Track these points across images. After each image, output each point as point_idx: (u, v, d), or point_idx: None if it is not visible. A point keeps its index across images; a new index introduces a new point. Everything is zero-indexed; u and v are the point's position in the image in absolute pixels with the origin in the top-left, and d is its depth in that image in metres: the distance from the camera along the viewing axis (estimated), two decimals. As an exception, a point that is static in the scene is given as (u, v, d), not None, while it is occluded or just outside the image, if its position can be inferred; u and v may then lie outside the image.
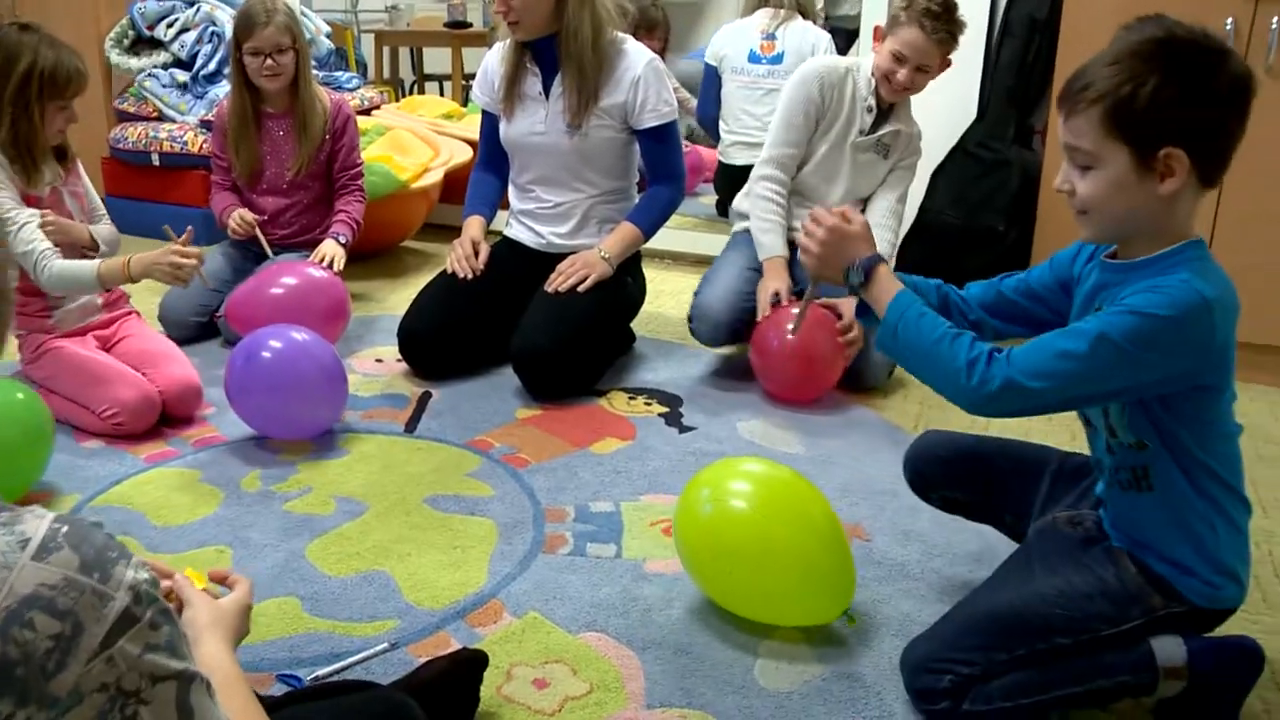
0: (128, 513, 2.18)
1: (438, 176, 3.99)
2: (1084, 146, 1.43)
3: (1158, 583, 1.53)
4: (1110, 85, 1.38)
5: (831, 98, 2.88)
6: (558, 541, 2.08)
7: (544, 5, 2.72)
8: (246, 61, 3.13)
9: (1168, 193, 1.40)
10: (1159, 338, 1.40)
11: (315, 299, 2.93)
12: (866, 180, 2.97)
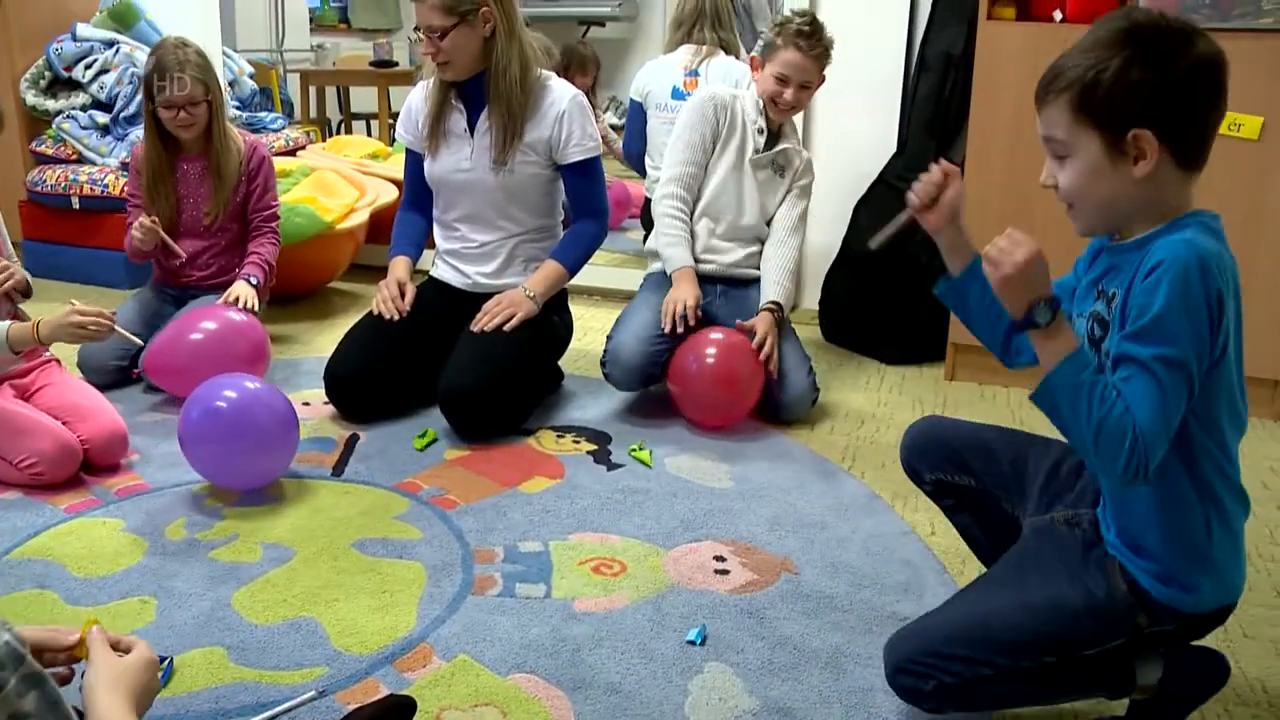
0: (48, 564, 2.13)
1: (363, 217, 3.97)
2: (1057, 136, 1.46)
3: (1144, 600, 1.52)
4: (1077, 73, 1.42)
5: (724, 119, 3.01)
6: (487, 583, 2.07)
7: (472, 46, 2.74)
8: (160, 113, 3.10)
9: (1143, 175, 1.42)
10: (1194, 285, 1.38)
11: (235, 343, 2.90)
12: (771, 199, 3.07)
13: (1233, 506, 1.55)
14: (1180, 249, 1.39)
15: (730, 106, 3.02)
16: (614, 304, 4.03)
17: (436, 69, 2.80)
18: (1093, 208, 1.49)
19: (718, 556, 2.19)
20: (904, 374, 3.37)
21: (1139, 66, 1.39)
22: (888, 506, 2.42)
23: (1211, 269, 1.38)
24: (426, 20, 2.72)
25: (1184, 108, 1.41)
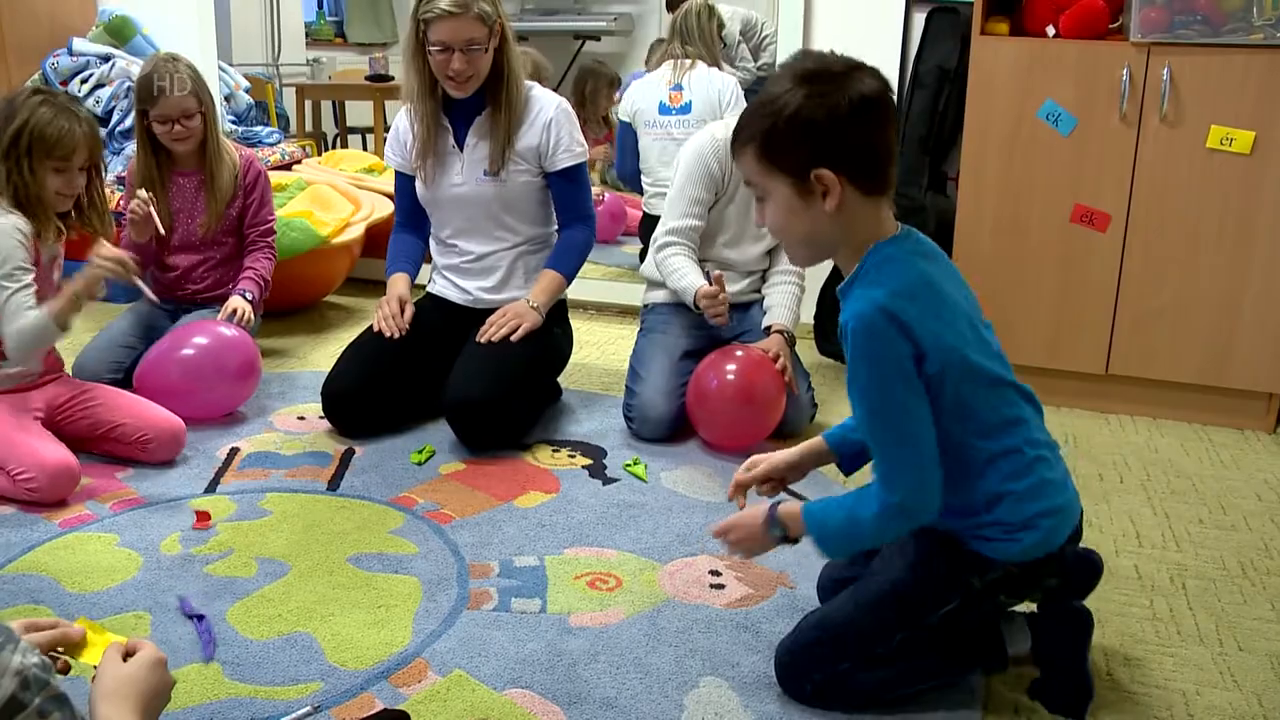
0: (41, 580, 2.13)
1: (359, 231, 3.97)
2: (755, 181, 1.58)
3: (968, 559, 1.66)
4: (757, 123, 1.53)
5: (729, 166, 2.91)
6: (482, 598, 2.07)
7: (491, 56, 2.76)
8: (154, 127, 3.10)
9: (833, 208, 1.53)
10: (879, 354, 1.53)
11: (226, 359, 2.90)
12: None
13: (1029, 465, 1.64)
14: (858, 305, 1.53)
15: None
16: (609, 317, 4.05)
17: (455, 87, 2.77)
18: (796, 242, 1.63)
19: (713, 571, 2.19)
20: (899, 388, 3.37)
21: (804, 109, 1.50)
22: (883, 521, 2.42)
23: (884, 318, 1.51)
24: (467, 35, 2.68)
25: (855, 143, 1.51)
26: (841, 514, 1.62)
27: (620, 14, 6.96)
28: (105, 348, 3.07)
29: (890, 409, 1.55)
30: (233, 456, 2.74)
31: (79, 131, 2.53)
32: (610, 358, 3.59)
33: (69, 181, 2.55)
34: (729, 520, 1.79)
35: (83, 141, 2.54)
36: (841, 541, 1.68)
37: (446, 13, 2.66)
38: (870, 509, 1.58)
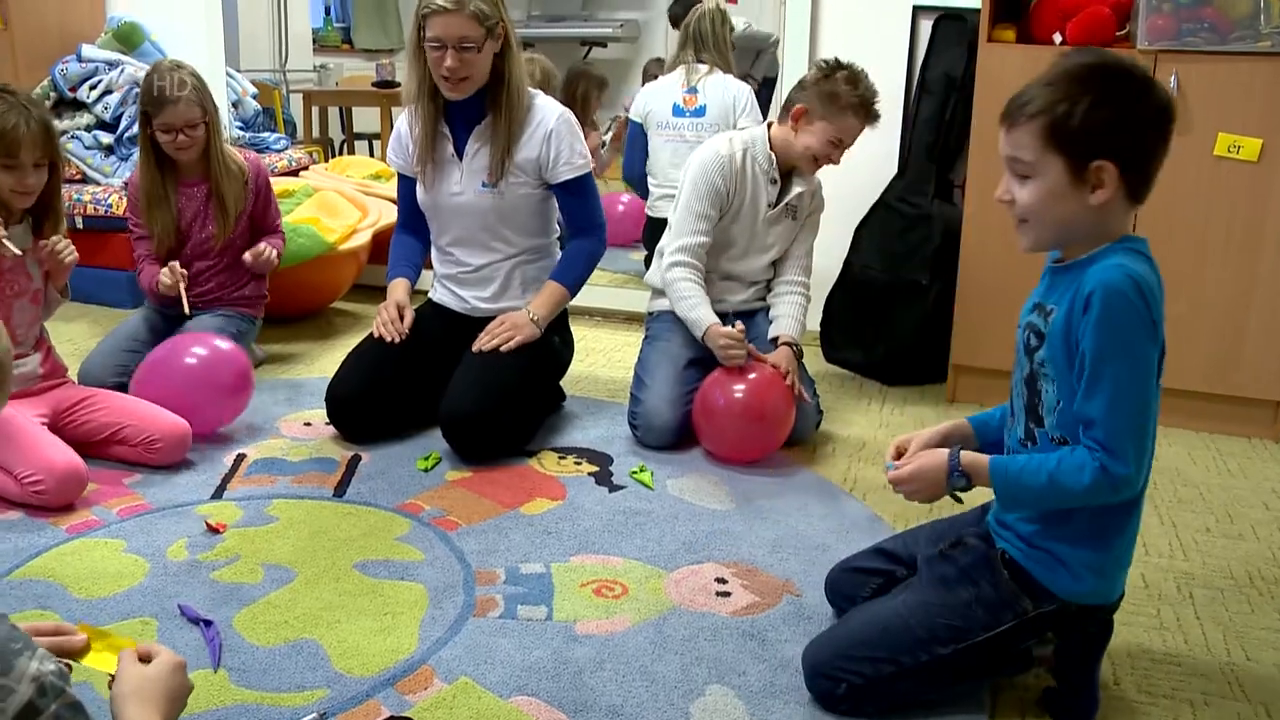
0: (49, 585, 2.13)
1: (366, 238, 3.98)
2: (1024, 158, 1.58)
3: (1028, 585, 1.68)
4: (1049, 102, 1.55)
5: (734, 183, 2.92)
6: (488, 605, 2.07)
7: (489, 60, 2.75)
8: (157, 136, 3.08)
9: (1098, 203, 1.55)
10: (1131, 320, 1.53)
11: (220, 372, 2.87)
12: (783, 243, 3.04)
13: (1130, 510, 1.66)
14: (1112, 274, 1.54)
15: (740, 166, 2.92)
16: (615, 324, 4.05)
17: (449, 87, 2.74)
18: (1045, 226, 1.62)
19: (719, 579, 2.19)
20: (905, 395, 3.37)
21: (1109, 105, 1.52)
22: (890, 528, 2.42)
23: (1141, 289, 1.53)
24: (460, 32, 2.66)
25: (1145, 147, 1.56)
26: (1041, 476, 1.60)
27: (626, 20, 6.99)
28: (111, 352, 3.08)
29: (1138, 375, 1.55)
30: (239, 462, 2.74)
31: (26, 128, 2.48)
32: (616, 365, 3.59)
33: (20, 179, 2.52)
34: (909, 469, 1.75)
35: (31, 138, 2.49)
36: (1034, 501, 1.66)
37: (441, 8, 2.66)
38: (1081, 477, 1.56)
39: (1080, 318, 1.55)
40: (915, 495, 1.77)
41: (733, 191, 2.92)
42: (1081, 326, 1.55)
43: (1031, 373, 1.68)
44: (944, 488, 1.73)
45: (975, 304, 3.22)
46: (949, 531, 1.87)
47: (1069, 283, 1.59)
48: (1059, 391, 1.62)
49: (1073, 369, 1.58)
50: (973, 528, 1.83)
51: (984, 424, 1.87)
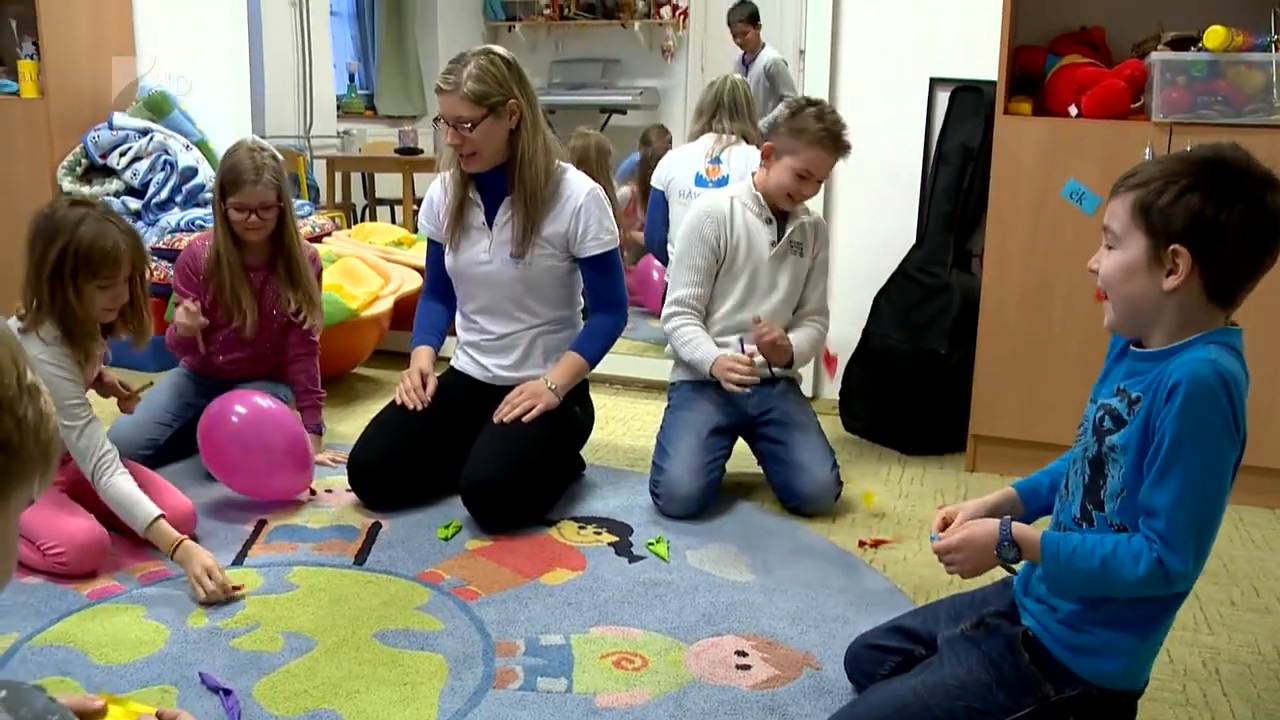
0: (69, 651, 2.14)
1: (388, 304, 4.02)
2: (1113, 227, 1.58)
3: (1051, 668, 1.66)
4: (1149, 177, 1.54)
5: (724, 233, 2.99)
6: (508, 676, 2.07)
7: (499, 137, 2.77)
8: (231, 215, 3.06)
9: (1170, 288, 1.52)
10: (1213, 416, 1.50)
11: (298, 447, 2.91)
12: (794, 282, 3.06)
13: (1174, 600, 1.64)
14: (1200, 367, 1.50)
15: (728, 216, 2.99)
16: (635, 392, 4.06)
17: (461, 160, 2.81)
18: (1119, 300, 1.59)
19: (739, 651, 2.18)
20: (925, 465, 3.37)
21: (1202, 193, 1.49)
22: (910, 601, 2.41)
23: (1228, 386, 1.49)
24: (455, 111, 2.73)
25: (1230, 245, 1.50)
26: (1094, 560, 1.57)
27: (646, 88, 7.08)
28: (143, 423, 3.08)
29: (1211, 473, 1.52)
30: (260, 529, 2.75)
31: (124, 247, 2.47)
32: (636, 434, 3.60)
33: (115, 297, 2.51)
34: (958, 538, 1.72)
35: (127, 255, 2.48)
36: (1082, 584, 1.62)
37: (438, 87, 2.75)
38: (1136, 567, 1.53)
39: (1162, 407, 1.52)
40: (962, 566, 1.73)
41: (725, 239, 2.99)
42: (1162, 416, 1.51)
43: (1099, 455, 1.63)
44: (993, 559, 1.70)
45: (994, 373, 3.23)
46: (969, 609, 1.86)
47: (1154, 371, 1.56)
48: (1125, 479, 1.58)
49: (1145, 459, 1.55)
50: (993, 606, 1.81)
51: (1032, 491, 1.84)
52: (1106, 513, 1.62)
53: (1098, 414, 1.64)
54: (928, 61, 3.64)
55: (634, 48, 7.20)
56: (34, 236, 2.46)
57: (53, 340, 2.46)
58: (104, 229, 2.44)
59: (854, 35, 3.72)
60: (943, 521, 1.81)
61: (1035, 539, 1.65)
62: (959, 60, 3.56)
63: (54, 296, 2.44)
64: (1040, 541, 1.64)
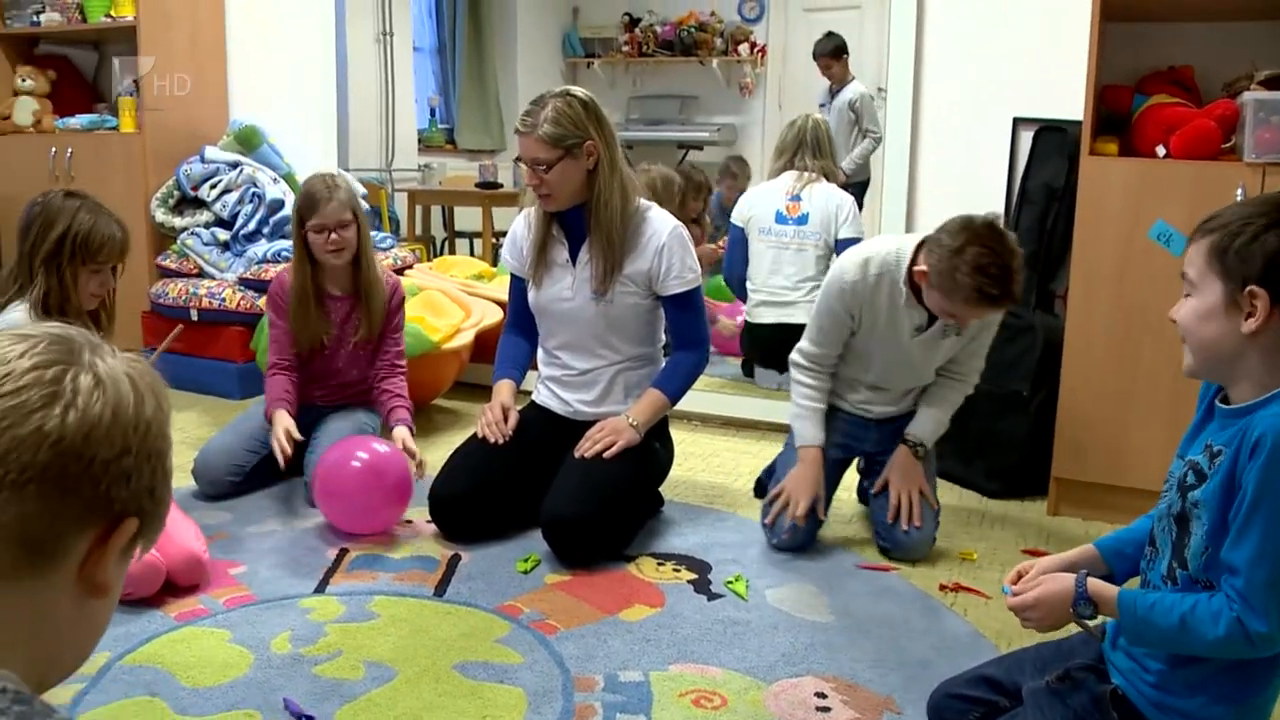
0: (158, 672, 2.18)
1: (469, 337, 4.06)
2: (1189, 274, 1.55)
3: None
4: (1228, 220, 1.51)
5: (861, 311, 2.82)
6: (587, 712, 2.07)
7: (576, 178, 2.80)
8: (310, 238, 3.13)
9: (1250, 331, 1.48)
10: None
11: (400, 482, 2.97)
12: (942, 357, 2.94)
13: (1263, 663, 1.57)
14: None
15: (872, 290, 2.78)
16: (713, 429, 4.06)
17: (539, 200, 2.85)
18: (1197, 346, 1.56)
19: (819, 693, 2.16)
20: (1006, 509, 3.32)
21: (1278, 234, 1.46)
22: (992, 647, 2.37)
23: None
24: (532, 153, 2.77)
25: None
26: (1173, 617, 1.53)
27: (723, 124, 7.12)
28: (231, 450, 3.16)
29: None
30: (342, 557, 2.79)
31: (119, 235, 2.62)
32: (714, 470, 3.59)
33: (103, 282, 2.63)
34: (1033, 594, 1.69)
35: (120, 244, 2.63)
36: (1161, 643, 1.59)
37: (516, 129, 2.80)
38: (1215, 627, 1.49)
39: (1246, 462, 1.48)
40: (1038, 622, 1.71)
41: (859, 316, 2.83)
42: (1246, 471, 1.47)
43: (1183, 511, 1.60)
44: (1068, 615, 1.67)
45: (1078, 416, 3.18)
46: (1055, 660, 1.81)
47: (1239, 426, 1.52)
48: (1208, 536, 1.54)
49: (1228, 514, 1.51)
50: (1080, 658, 1.77)
51: (1116, 552, 1.79)
52: (1191, 570, 1.57)
53: (1184, 470, 1.61)
54: (1011, 101, 3.62)
55: (712, 84, 7.24)
56: (29, 223, 2.60)
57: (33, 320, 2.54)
58: (100, 218, 2.60)
59: (936, 74, 3.71)
60: (1017, 575, 1.78)
61: (1112, 596, 1.62)
62: (1043, 100, 3.54)
63: (44, 279, 2.56)
64: (1117, 599, 1.61)
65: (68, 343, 0.83)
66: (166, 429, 0.87)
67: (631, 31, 7.45)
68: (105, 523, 0.82)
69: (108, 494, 0.82)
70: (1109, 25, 3.05)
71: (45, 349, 0.81)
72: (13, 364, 0.80)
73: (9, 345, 0.81)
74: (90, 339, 0.85)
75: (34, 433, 0.78)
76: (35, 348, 0.81)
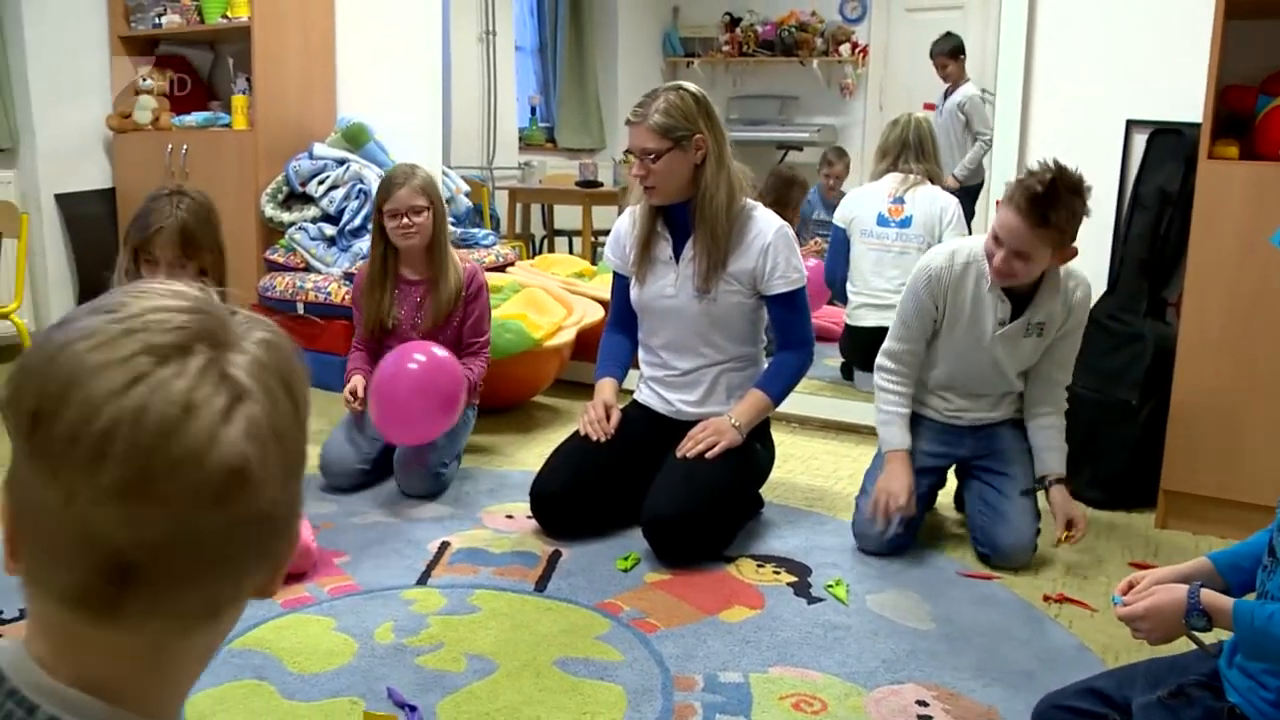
0: (265, 657, 2.23)
1: (571, 335, 4.08)
2: None
3: None
4: None
5: (945, 300, 2.82)
6: (687, 712, 2.07)
7: (683, 172, 2.80)
8: (386, 222, 3.26)
9: None
10: None
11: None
12: (1022, 360, 2.90)
13: None
14: None
15: (958, 278, 2.79)
16: (811, 431, 4.04)
17: (643, 192, 2.85)
18: None
19: (920, 701, 2.14)
20: (1112, 519, 3.25)
21: None
22: (1098, 660, 2.33)
23: None
24: (640, 143, 2.78)
25: None
26: None
27: (823, 125, 7.07)
28: (357, 441, 3.27)
29: None
30: (443, 550, 2.83)
31: (164, 226, 2.52)
32: (813, 473, 3.57)
33: (153, 272, 2.56)
34: (1144, 604, 1.68)
35: (165, 237, 2.53)
36: (1275, 653, 1.56)
37: (628, 119, 2.82)
38: None
39: None
40: (1148, 634, 1.68)
41: (943, 306, 2.83)
42: None
43: None
44: (1180, 627, 1.64)
45: (1190, 427, 3.10)
46: (1169, 676, 1.76)
47: None
48: None
49: None
50: (1194, 674, 1.72)
51: (1232, 565, 1.75)
52: None
53: None
54: (1124, 103, 3.52)
55: (812, 85, 7.20)
56: None
57: None
58: (161, 212, 2.54)
59: (1047, 75, 3.63)
60: (1128, 585, 1.75)
61: (1227, 607, 1.58)
62: (1158, 101, 3.45)
63: (122, 265, 2.63)
64: (1233, 609, 1.57)
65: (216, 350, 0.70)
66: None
67: (732, 31, 7.44)
68: (282, 550, 0.77)
69: (288, 527, 0.76)
70: (1232, 22, 2.96)
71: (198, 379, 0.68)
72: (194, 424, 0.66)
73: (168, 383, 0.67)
74: (214, 330, 0.71)
75: (229, 517, 0.69)
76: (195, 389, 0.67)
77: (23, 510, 0.69)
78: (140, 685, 0.72)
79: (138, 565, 0.67)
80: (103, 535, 0.66)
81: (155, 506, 0.66)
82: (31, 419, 0.67)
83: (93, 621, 0.69)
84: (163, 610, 0.69)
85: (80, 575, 0.67)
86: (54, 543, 0.67)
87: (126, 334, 0.68)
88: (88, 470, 0.65)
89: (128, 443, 0.65)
